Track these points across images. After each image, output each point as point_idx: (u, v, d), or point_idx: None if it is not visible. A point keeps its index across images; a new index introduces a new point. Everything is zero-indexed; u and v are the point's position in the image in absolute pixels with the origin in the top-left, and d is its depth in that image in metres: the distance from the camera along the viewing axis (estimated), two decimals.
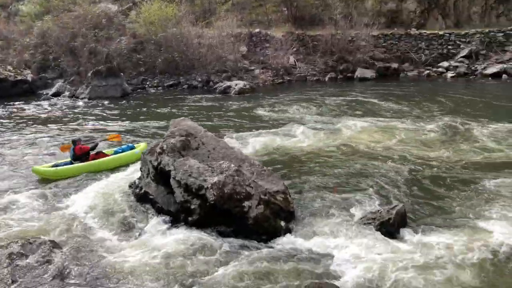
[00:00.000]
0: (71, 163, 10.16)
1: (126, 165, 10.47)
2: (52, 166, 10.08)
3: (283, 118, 15.71)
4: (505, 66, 23.23)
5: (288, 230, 6.96)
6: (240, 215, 6.93)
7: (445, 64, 24.90)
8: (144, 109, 18.94)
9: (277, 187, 7.62)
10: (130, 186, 8.75)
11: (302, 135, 12.85)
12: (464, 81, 22.75)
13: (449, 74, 23.94)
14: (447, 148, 11.23)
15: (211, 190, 6.90)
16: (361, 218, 7.26)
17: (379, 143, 11.88)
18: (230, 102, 19.44)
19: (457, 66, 24.35)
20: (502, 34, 24.76)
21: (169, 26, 25.74)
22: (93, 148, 10.56)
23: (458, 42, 25.50)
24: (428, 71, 24.72)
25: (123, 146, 11.21)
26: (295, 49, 26.31)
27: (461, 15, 26.64)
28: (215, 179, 7.03)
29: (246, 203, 6.97)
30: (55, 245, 6.32)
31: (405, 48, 26.10)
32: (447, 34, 25.69)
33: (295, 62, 26.06)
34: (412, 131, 13.05)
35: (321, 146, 11.89)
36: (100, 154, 10.61)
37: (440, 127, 13.33)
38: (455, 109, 16.00)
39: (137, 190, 8.34)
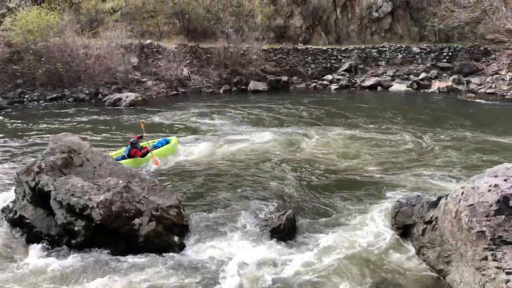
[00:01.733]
0: (123, 157, 10.91)
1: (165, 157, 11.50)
2: None
3: (177, 129, 15.46)
4: (379, 79, 25.92)
5: (182, 245, 6.80)
6: (130, 233, 6.58)
7: (329, 77, 26.92)
8: (23, 125, 17.15)
9: (170, 201, 7.42)
10: (2, 211, 7.79)
11: (195, 147, 12.75)
12: (346, 93, 24.81)
13: (333, 86, 25.92)
14: (336, 152, 12.08)
15: (97, 209, 6.46)
16: (254, 226, 7.41)
17: (273, 151, 12.30)
18: (121, 115, 18.60)
19: (339, 79, 26.48)
20: (375, 50, 27.63)
21: (51, 35, 23.84)
22: (144, 155, 11.16)
23: (339, 57, 27.79)
24: (314, 84, 26.47)
25: (160, 140, 12.32)
26: (188, 61, 26.23)
27: (341, 32, 29.11)
28: (102, 197, 6.60)
29: (136, 221, 6.66)
30: None
31: (294, 62, 27.66)
32: (330, 49, 27.86)
33: (189, 74, 25.96)
34: (303, 138, 13.78)
35: (216, 157, 11.92)
36: (144, 149, 11.37)
37: (330, 134, 14.31)
38: (341, 117, 17.32)
39: (11, 215, 7.45)
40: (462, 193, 5.95)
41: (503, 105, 20.35)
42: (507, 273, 4.87)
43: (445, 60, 26.89)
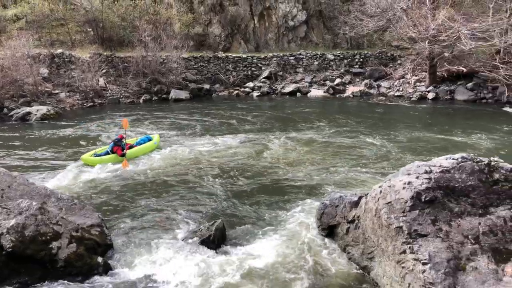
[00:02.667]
0: (107, 153, 12.07)
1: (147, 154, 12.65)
2: (94, 155, 12.01)
3: (94, 143, 14.66)
4: (298, 85, 26.87)
5: (107, 266, 6.42)
6: (48, 258, 6.07)
7: (250, 84, 27.34)
8: None
9: (91, 220, 6.98)
10: None
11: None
12: (268, 99, 25.35)
13: (255, 93, 26.37)
14: (265, 158, 12.22)
15: (7, 235, 5.87)
16: (184, 239, 7.23)
17: (201, 161, 12.15)
18: (32, 131, 17.20)
19: (261, 86, 27.01)
20: (293, 57, 28.62)
21: None
22: (123, 155, 11.95)
23: (259, 65, 28.35)
24: (237, 91, 26.71)
25: (142, 137, 13.47)
26: (104, 70, 25.08)
27: (260, 41, 29.75)
28: (12, 222, 6.03)
29: (54, 244, 6.17)
30: None
31: (215, 70, 27.70)
32: (250, 57, 28.32)
33: (105, 84, 24.81)
34: (231, 145, 13.79)
35: (141, 169, 11.49)
36: (127, 145, 12.34)
37: (258, 140, 14.47)
38: (267, 123, 17.62)
39: None
40: (380, 191, 6.32)
41: (409, 106, 22.14)
42: (423, 264, 5.24)
43: (357, 66, 28.66)
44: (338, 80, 27.06)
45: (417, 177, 6.09)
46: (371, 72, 27.71)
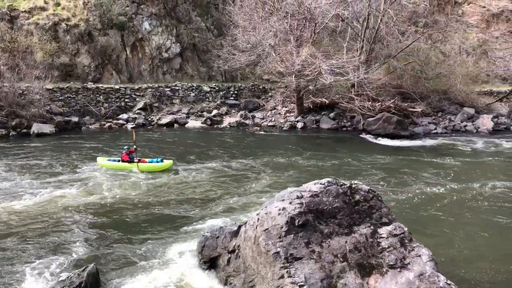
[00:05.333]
0: (118, 161, 14.95)
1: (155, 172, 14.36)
2: (108, 160, 15.07)
3: None
4: (175, 116, 26.67)
5: None
6: None
7: (124, 116, 26.26)
8: None
9: None
10: None
11: None
12: (144, 131, 24.55)
13: (130, 125, 25.36)
14: (140, 194, 11.65)
15: None
16: None
17: (68, 202, 11.10)
18: None
19: (136, 118, 26.13)
20: (169, 89, 28.47)
21: None
22: (129, 161, 14.73)
23: (133, 96, 27.51)
24: (109, 123, 25.37)
25: (154, 159, 15.14)
26: None
27: (133, 71, 29.00)
28: None
29: None
30: None
31: (84, 102, 26.01)
32: (123, 88, 27.33)
33: None
34: (99, 183, 12.89)
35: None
36: (142, 160, 14.83)
37: (130, 176, 13.77)
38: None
39: None
40: (258, 219, 6.49)
41: (282, 135, 23.57)
42: (300, 286, 5.47)
43: (232, 98, 29.69)
44: (215, 111, 27.62)
45: (290, 203, 6.41)
46: (245, 104, 28.94)
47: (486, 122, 25.58)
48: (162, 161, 14.90)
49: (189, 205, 10.89)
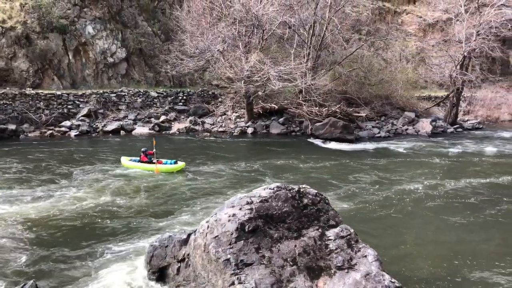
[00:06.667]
0: (136, 161, 16.11)
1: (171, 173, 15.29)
2: (130, 160, 16.20)
3: None
4: (121, 123, 25.85)
5: None
6: None
7: (67, 123, 25.09)
8: None
9: None
10: None
11: None
12: (88, 138, 23.59)
13: (73, 133, 24.27)
14: (86, 206, 11.14)
15: None
16: None
17: (4, 218, 10.40)
18: None
19: (79, 125, 25.03)
20: (114, 95, 27.57)
21: None
22: (147, 162, 15.90)
23: (77, 102, 26.37)
24: (51, 131, 24.13)
25: (169, 160, 16.06)
26: None
27: (76, 77, 27.81)
28: None
29: None
30: None
31: (22, 108, 24.57)
32: (65, 94, 26.13)
33: None
34: (44, 196, 12.21)
35: None
36: (159, 161, 15.90)
37: (75, 186, 13.15)
38: (86, 166, 16.23)
39: None
40: (208, 226, 6.41)
41: (232, 141, 23.55)
42: None
43: (181, 104, 29.29)
44: (163, 117, 27.10)
45: (240, 209, 6.40)
46: (195, 109, 28.65)
47: (425, 125, 27.05)
48: (176, 162, 15.84)
49: (139, 216, 10.57)
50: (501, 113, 32.80)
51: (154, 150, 15.95)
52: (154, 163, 15.66)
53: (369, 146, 22.21)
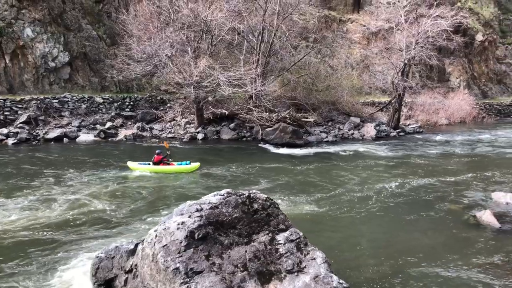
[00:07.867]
0: (149, 164, 16.55)
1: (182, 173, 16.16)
2: (139, 164, 16.67)
3: None
4: (65, 130, 24.71)
5: None
6: None
7: (4, 130, 23.61)
8: None
9: None
10: None
11: None
12: (27, 147, 22.31)
13: (11, 141, 22.87)
14: (23, 221, 10.51)
15: None
16: None
17: None
18: None
19: (18, 132, 23.64)
20: (57, 100, 26.33)
21: None
22: (156, 163, 16.50)
23: (15, 108, 24.93)
24: None
25: (182, 162, 17.07)
26: None
27: (14, 82, 26.29)
28: None
29: None
30: None
31: None
32: (2, 100, 24.63)
33: None
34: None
35: None
36: (171, 163, 16.82)
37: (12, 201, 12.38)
38: (27, 178, 15.33)
39: None
40: (156, 235, 6.26)
41: (182, 147, 23.20)
42: None
43: (128, 109, 28.47)
44: (109, 124, 26.22)
45: (189, 216, 6.30)
46: (142, 115, 27.97)
47: (370, 130, 28.15)
48: (190, 163, 16.78)
49: (85, 226, 10.13)
50: (439, 118, 34.76)
51: (168, 152, 17.19)
52: (168, 163, 16.68)
53: (318, 150, 22.75)
